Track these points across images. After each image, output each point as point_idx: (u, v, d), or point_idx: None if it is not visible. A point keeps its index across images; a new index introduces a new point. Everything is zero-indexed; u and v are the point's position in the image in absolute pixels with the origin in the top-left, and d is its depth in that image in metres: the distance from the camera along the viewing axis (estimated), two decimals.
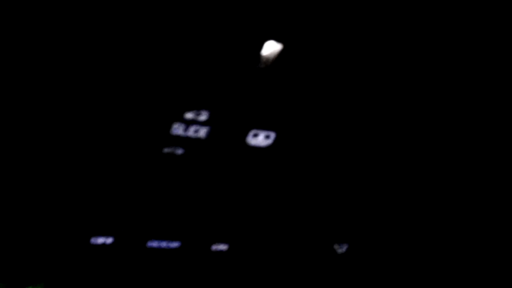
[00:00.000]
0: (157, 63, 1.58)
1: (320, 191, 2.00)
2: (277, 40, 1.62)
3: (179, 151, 1.78)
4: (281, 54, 1.65)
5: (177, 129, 1.71)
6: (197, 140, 1.76)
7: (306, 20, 1.61)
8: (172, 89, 1.64)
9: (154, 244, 1.96)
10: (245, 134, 1.79)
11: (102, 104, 1.59)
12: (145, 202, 1.86)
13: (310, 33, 1.63)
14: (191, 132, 1.73)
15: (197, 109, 1.70)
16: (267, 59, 1.65)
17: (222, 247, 2.05)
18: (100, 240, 1.88)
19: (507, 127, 2.00)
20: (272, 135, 1.82)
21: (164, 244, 1.97)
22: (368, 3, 1.63)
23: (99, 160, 1.71)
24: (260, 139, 1.81)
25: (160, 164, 1.79)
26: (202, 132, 1.74)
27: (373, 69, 1.75)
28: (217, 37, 1.58)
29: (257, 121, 1.78)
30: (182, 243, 1.99)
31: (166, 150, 1.76)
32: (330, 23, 1.63)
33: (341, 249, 2.18)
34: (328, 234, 2.14)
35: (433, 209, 2.17)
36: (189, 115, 1.70)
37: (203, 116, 1.72)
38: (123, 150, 1.72)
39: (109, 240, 1.89)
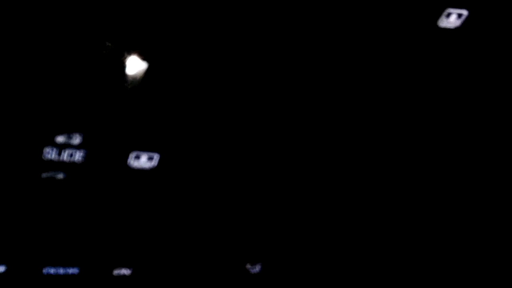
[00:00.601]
0: (13, 84, 1.53)
1: (219, 209, 1.94)
2: (141, 58, 1.56)
3: (60, 176, 1.72)
4: (147, 72, 1.58)
5: (49, 153, 1.65)
6: (74, 164, 1.70)
7: (170, 37, 1.55)
8: (35, 112, 1.58)
9: (50, 270, 1.91)
10: (126, 157, 1.73)
11: None
12: (34, 228, 1.81)
13: (174, 49, 1.57)
14: (65, 156, 1.67)
15: (68, 132, 1.64)
16: (133, 78, 1.58)
17: (125, 271, 1.99)
18: None
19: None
20: (156, 156, 1.75)
21: (61, 270, 1.92)
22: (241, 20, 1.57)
23: None
24: (142, 161, 1.75)
25: (42, 189, 1.74)
26: (78, 156, 1.68)
27: (246, 84, 1.68)
28: (74, 57, 1.52)
29: (137, 142, 1.72)
30: (81, 269, 1.93)
31: (44, 175, 1.71)
32: (194, 36, 1.56)
33: (255, 269, 2.10)
34: (239, 253, 2.07)
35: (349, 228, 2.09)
36: (60, 139, 1.64)
37: (76, 140, 1.66)
38: None
39: (1, 269, 1.85)
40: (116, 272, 1.98)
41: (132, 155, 1.73)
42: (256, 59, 1.68)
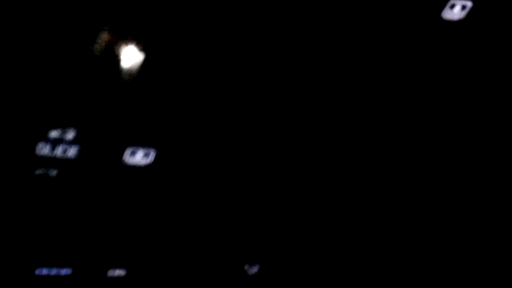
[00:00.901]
0: (6, 78, 1.49)
1: (217, 208, 1.89)
2: (138, 49, 1.52)
3: (53, 172, 1.68)
4: (144, 64, 1.54)
5: (43, 148, 1.61)
6: (68, 160, 1.65)
7: (168, 26, 1.51)
8: (28, 106, 1.53)
9: (43, 271, 1.86)
10: (121, 153, 1.68)
11: None
12: (26, 227, 1.76)
13: (172, 40, 1.53)
14: (59, 152, 1.63)
15: (62, 126, 1.59)
16: (129, 71, 1.54)
17: (120, 272, 1.94)
18: None
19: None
20: (152, 152, 1.71)
21: (54, 271, 1.87)
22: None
23: None
24: (138, 157, 1.70)
25: (34, 187, 1.69)
26: (72, 151, 1.64)
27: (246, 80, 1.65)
28: (66, 50, 1.48)
29: (133, 138, 1.67)
30: (74, 270, 1.88)
31: (37, 171, 1.66)
32: (193, 27, 1.53)
33: (252, 269, 2.07)
34: (237, 254, 2.03)
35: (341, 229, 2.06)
36: (53, 134, 1.59)
37: (70, 134, 1.61)
38: None
39: None
40: (110, 272, 1.94)
41: (127, 151, 1.69)
42: (254, 54, 1.64)
